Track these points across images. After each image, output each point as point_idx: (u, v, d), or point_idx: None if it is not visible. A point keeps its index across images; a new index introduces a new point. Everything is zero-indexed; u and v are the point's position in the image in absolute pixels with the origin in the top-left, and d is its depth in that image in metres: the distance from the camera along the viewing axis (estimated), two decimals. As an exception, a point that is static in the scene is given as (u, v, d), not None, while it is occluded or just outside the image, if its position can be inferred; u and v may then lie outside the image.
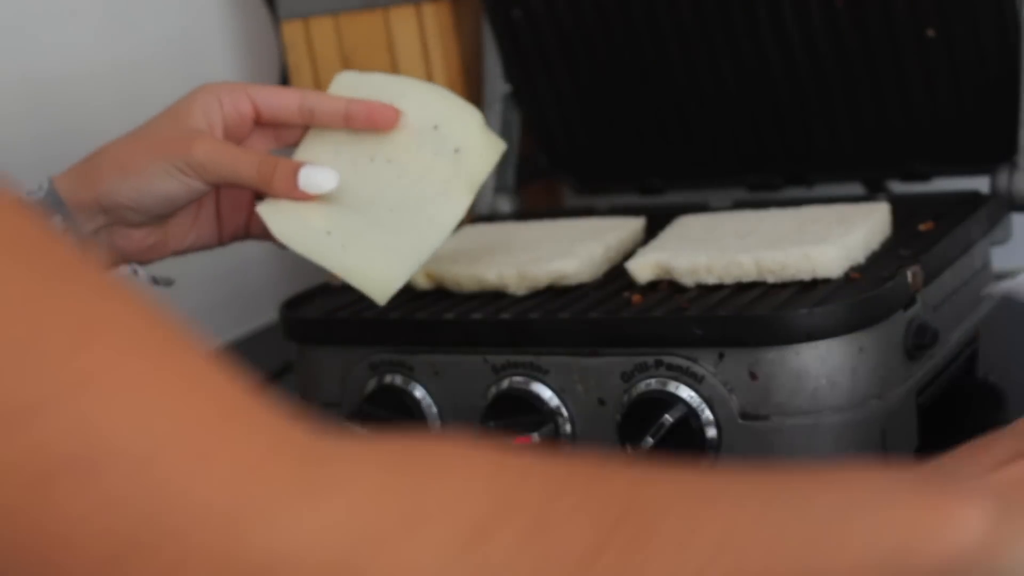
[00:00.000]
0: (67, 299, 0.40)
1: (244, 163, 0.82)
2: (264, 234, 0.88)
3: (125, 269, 0.85)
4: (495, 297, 0.90)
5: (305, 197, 0.82)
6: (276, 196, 0.83)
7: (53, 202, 0.83)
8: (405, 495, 0.42)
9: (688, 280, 0.86)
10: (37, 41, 1.24)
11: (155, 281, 0.87)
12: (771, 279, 0.84)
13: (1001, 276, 1.00)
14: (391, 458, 0.43)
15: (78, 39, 1.27)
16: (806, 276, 0.83)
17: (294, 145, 0.88)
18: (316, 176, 0.82)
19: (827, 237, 0.85)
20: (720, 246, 0.88)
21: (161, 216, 0.84)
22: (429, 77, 1.22)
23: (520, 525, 0.43)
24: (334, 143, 0.86)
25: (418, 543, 0.41)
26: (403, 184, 0.84)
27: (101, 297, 0.41)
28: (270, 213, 0.82)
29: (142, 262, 0.86)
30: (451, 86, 1.22)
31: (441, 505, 0.42)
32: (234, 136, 0.86)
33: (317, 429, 0.42)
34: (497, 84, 1.18)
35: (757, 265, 0.84)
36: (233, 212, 0.88)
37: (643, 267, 0.88)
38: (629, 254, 0.93)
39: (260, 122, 0.87)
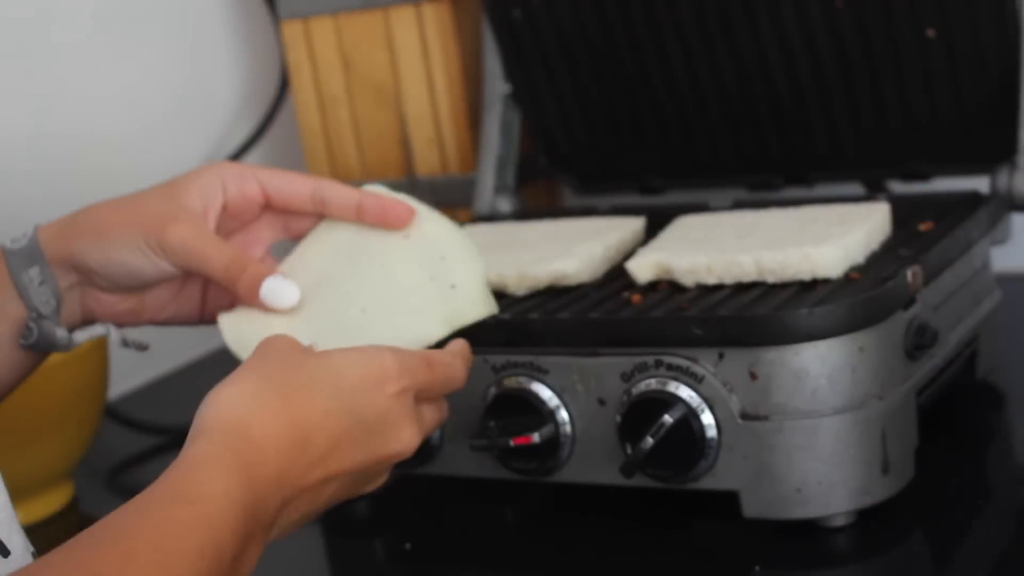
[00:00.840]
0: None
1: (215, 258, 0.80)
2: None
3: (99, 328, 0.83)
4: (495, 297, 0.90)
5: (264, 308, 0.81)
6: (238, 299, 0.81)
7: (33, 252, 0.81)
8: None
9: (688, 280, 0.86)
10: (41, 40, 1.24)
11: (125, 344, 0.85)
12: (771, 279, 0.84)
13: (1002, 276, 1.00)
14: None
15: (78, 39, 1.27)
16: (806, 276, 0.83)
17: (301, 236, 0.86)
18: (279, 290, 0.80)
19: (827, 237, 0.85)
20: (720, 246, 0.88)
21: (129, 288, 0.82)
22: (429, 77, 1.22)
23: None
24: (338, 240, 0.84)
25: None
26: (387, 291, 0.82)
27: None
28: (230, 324, 0.81)
29: (117, 325, 0.84)
30: (451, 86, 1.22)
31: None
32: (238, 219, 0.84)
33: None
34: (497, 84, 1.18)
35: (757, 265, 0.84)
36: (218, 295, 0.85)
37: (643, 267, 0.88)
38: (629, 254, 0.93)
39: (270, 207, 0.85)
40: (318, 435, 0.66)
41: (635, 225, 0.99)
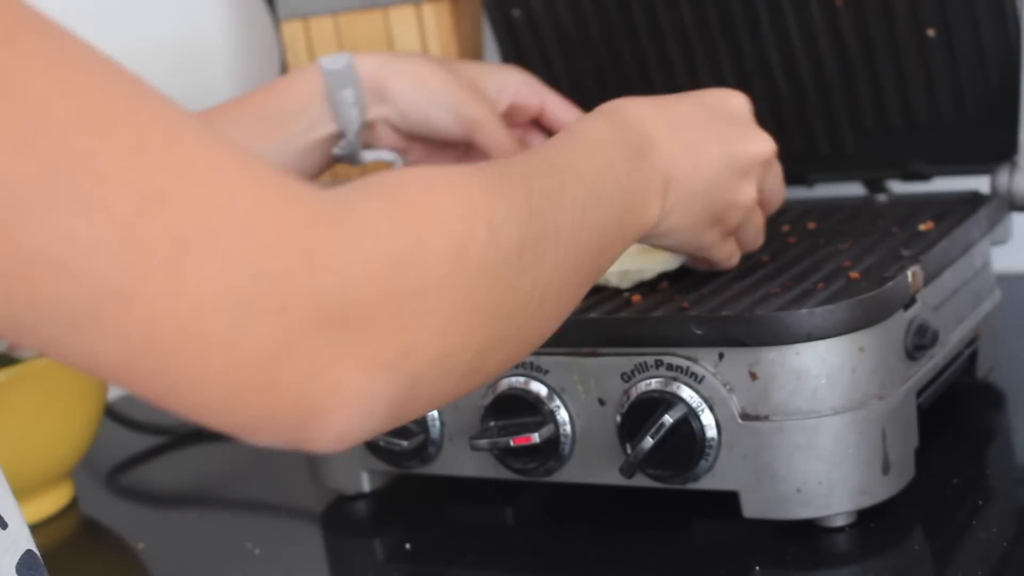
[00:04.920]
0: (153, 107, 0.48)
1: (499, 142, 0.94)
2: None
3: (387, 154, 0.97)
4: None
5: None
6: None
7: (349, 77, 0.93)
8: (412, 220, 0.53)
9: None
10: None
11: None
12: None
13: (1002, 276, 1.00)
14: (391, 192, 0.54)
15: (78, 39, 1.27)
16: None
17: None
18: None
19: None
20: None
21: (415, 133, 0.95)
22: (429, 77, 1.22)
23: (485, 228, 0.56)
24: None
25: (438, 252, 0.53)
26: None
27: (170, 107, 0.49)
28: None
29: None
30: (451, 86, 1.22)
31: (441, 223, 0.54)
32: (511, 119, 0.98)
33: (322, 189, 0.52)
34: (497, 84, 1.17)
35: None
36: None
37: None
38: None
39: (536, 122, 1.00)
40: (682, 114, 0.78)
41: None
